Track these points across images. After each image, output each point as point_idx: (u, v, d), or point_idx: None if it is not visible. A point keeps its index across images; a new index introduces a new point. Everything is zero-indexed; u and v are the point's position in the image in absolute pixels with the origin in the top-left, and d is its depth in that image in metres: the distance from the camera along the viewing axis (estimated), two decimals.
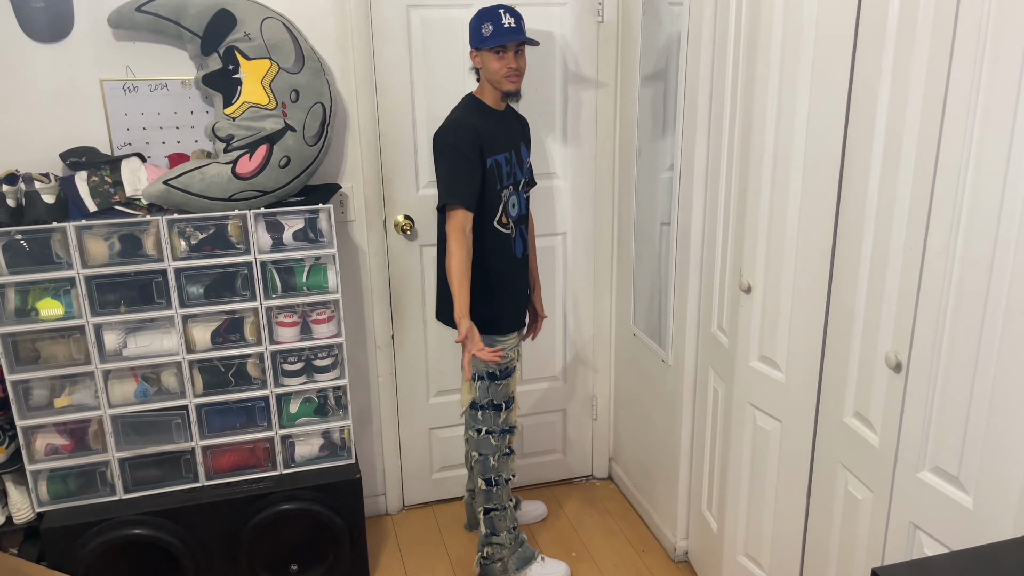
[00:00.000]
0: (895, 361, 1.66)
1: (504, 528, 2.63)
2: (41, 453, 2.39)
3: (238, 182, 2.33)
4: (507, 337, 2.51)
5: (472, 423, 2.57)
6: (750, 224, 2.12)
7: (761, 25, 1.99)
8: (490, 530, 2.63)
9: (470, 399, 2.54)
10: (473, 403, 2.53)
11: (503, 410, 2.54)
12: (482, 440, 2.56)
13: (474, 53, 2.36)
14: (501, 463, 2.59)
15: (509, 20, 2.31)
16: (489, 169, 2.35)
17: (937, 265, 1.53)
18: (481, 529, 2.64)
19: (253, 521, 2.48)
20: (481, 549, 2.67)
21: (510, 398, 2.56)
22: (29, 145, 2.41)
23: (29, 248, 2.24)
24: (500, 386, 2.52)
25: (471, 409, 2.55)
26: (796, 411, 2.08)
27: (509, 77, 2.34)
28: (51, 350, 2.33)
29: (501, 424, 2.55)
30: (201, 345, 2.43)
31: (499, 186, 2.39)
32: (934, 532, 1.62)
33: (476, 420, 2.55)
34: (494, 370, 2.49)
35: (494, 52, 2.31)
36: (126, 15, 2.32)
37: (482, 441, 2.56)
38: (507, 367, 2.52)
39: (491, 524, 2.62)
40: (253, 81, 2.35)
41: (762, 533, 2.28)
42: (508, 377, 2.53)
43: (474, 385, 2.51)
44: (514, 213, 2.45)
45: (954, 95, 1.46)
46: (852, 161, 1.78)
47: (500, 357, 2.38)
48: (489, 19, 2.30)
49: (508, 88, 2.37)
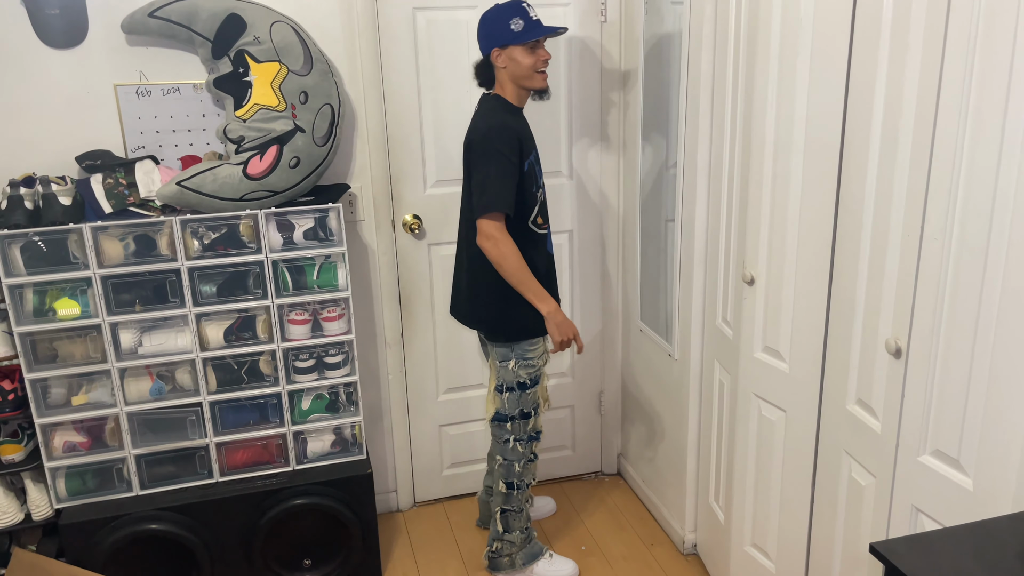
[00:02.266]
0: (895, 347, 1.69)
1: (517, 527, 2.66)
2: (59, 450, 2.44)
3: (249, 183, 2.38)
4: (539, 341, 2.49)
5: (499, 434, 2.56)
6: (752, 217, 2.15)
7: (760, 21, 2.02)
8: (504, 528, 2.66)
9: (494, 410, 2.53)
10: (499, 415, 2.52)
11: (532, 417, 2.54)
12: (510, 449, 2.56)
13: (497, 52, 2.29)
14: (525, 468, 2.60)
15: (535, 12, 2.29)
16: (527, 172, 2.32)
17: (934, 251, 1.56)
18: (496, 526, 2.67)
19: (267, 516, 2.52)
20: (491, 544, 2.70)
21: (538, 403, 2.56)
22: (46, 148, 2.46)
23: (46, 249, 2.29)
24: (530, 395, 2.51)
25: (496, 421, 2.54)
26: (800, 400, 2.11)
27: (541, 73, 2.32)
28: (68, 349, 2.38)
29: (529, 431, 2.56)
30: (214, 343, 2.48)
31: (535, 187, 2.37)
32: (935, 514, 1.64)
33: (503, 431, 2.53)
34: (524, 380, 2.48)
35: (527, 47, 2.28)
36: (139, 21, 2.38)
37: (510, 449, 2.56)
38: (536, 375, 2.50)
39: (505, 522, 2.65)
40: (263, 84, 2.40)
41: (769, 523, 2.31)
42: (536, 385, 2.52)
43: (502, 396, 2.50)
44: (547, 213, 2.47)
45: (948, 84, 1.49)
46: (850, 151, 1.81)
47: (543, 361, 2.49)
48: (516, 14, 2.26)
49: (540, 85, 2.34)
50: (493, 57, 2.32)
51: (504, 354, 2.46)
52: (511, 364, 2.46)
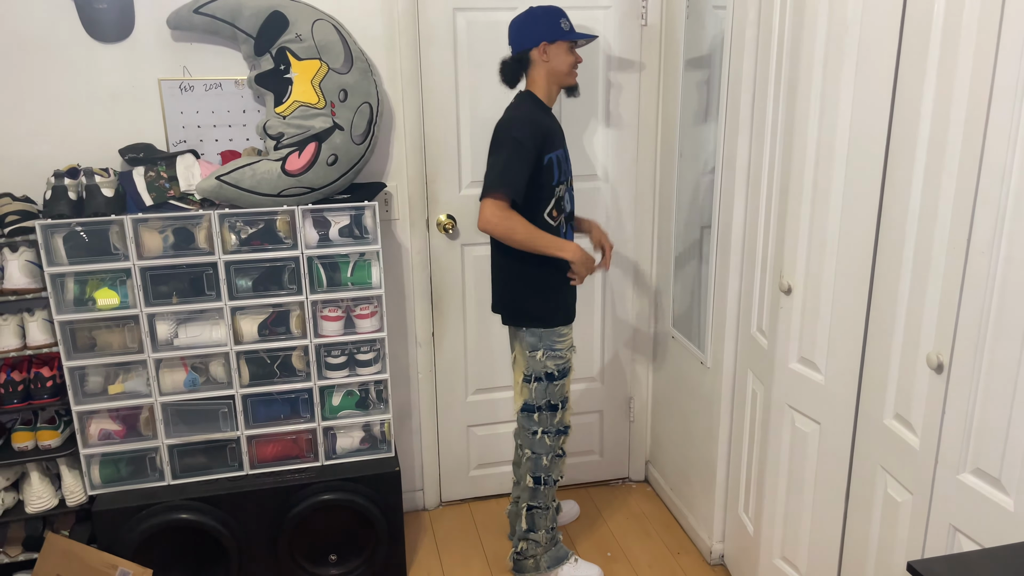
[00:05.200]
0: (937, 362, 1.66)
1: (543, 527, 2.65)
2: (95, 438, 2.48)
3: (287, 179, 2.40)
4: (566, 332, 2.50)
5: (527, 424, 2.56)
6: (791, 225, 2.12)
7: (805, 26, 1.99)
8: (529, 526, 2.65)
9: (522, 401, 2.54)
10: (528, 405, 2.53)
11: (559, 410, 2.55)
12: (538, 440, 2.56)
13: (545, 46, 2.35)
14: (553, 463, 2.60)
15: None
16: (546, 166, 2.36)
17: (980, 264, 1.52)
18: (521, 524, 2.66)
19: (294, 510, 2.54)
20: (516, 544, 2.69)
21: (565, 398, 2.56)
22: (90, 141, 2.51)
23: (88, 240, 2.33)
24: (557, 386, 2.51)
25: (525, 412, 2.55)
26: (835, 413, 2.07)
27: (575, 72, 2.43)
28: (106, 338, 2.42)
29: (556, 424, 2.56)
30: (248, 337, 2.50)
31: (555, 182, 2.40)
32: (974, 534, 1.61)
33: (531, 422, 2.54)
34: (552, 371, 2.48)
35: (570, 46, 2.38)
36: (184, 17, 2.41)
37: (537, 441, 2.56)
38: (564, 367, 2.51)
39: (531, 520, 2.64)
40: (303, 81, 2.42)
41: (799, 536, 2.27)
42: (565, 377, 2.53)
43: (529, 387, 2.51)
44: (567, 208, 2.48)
45: (999, 93, 1.45)
46: (895, 160, 1.78)
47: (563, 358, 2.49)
48: (563, 15, 2.39)
49: (573, 82, 2.44)
50: (538, 51, 2.36)
51: (533, 344, 2.47)
52: (539, 354, 2.47)
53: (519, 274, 2.44)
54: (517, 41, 2.40)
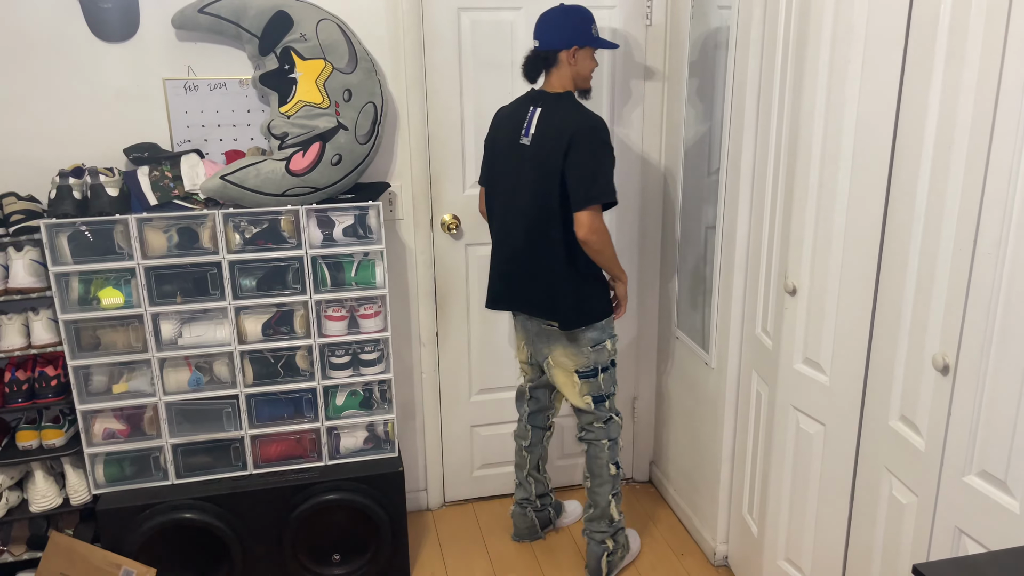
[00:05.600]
0: (943, 363, 1.65)
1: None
2: (99, 437, 2.48)
3: (291, 178, 2.40)
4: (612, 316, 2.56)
5: (600, 414, 2.56)
6: (796, 226, 2.11)
7: (810, 26, 1.99)
8: (617, 516, 2.67)
9: (588, 398, 2.53)
10: (599, 396, 2.55)
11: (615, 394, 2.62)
12: (613, 425, 2.59)
13: (576, 49, 2.35)
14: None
15: None
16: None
17: (987, 266, 1.52)
18: (612, 515, 2.65)
19: (298, 510, 2.54)
20: (603, 543, 2.66)
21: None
22: (95, 140, 2.51)
23: (93, 239, 2.33)
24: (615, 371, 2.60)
25: (598, 403, 2.55)
26: (840, 414, 2.07)
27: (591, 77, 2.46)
28: (111, 338, 2.42)
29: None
30: (252, 336, 2.50)
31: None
32: (979, 537, 1.60)
33: (604, 410, 2.57)
34: (614, 355, 2.55)
35: (594, 52, 2.41)
36: (189, 16, 2.41)
37: (613, 426, 2.59)
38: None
39: (618, 510, 2.67)
40: (308, 81, 2.42)
41: (804, 538, 2.26)
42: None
43: (596, 379, 2.52)
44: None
45: (1006, 92, 1.45)
46: (901, 161, 1.77)
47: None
48: (594, 21, 2.40)
49: (589, 86, 2.46)
50: (568, 53, 2.35)
51: (595, 337, 2.48)
52: (607, 343, 2.51)
53: (584, 276, 2.42)
54: (547, 38, 2.36)
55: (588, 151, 2.29)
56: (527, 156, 2.38)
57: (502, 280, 2.55)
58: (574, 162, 2.28)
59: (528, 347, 2.65)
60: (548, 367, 2.58)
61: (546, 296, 2.45)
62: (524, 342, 2.67)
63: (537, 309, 2.49)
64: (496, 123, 2.54)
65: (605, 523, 2.65)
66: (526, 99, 2.45)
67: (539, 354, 2.59)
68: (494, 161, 2.52)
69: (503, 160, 2.47)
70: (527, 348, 2.66)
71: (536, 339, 2.57)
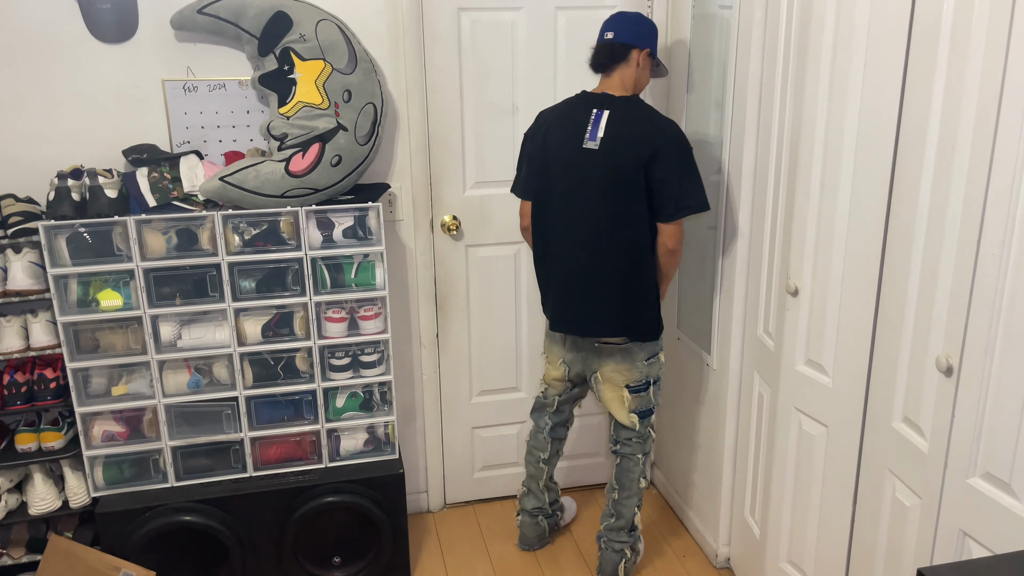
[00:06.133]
0: (946, 365, 1.64)
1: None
2: (98, 439, 2.47)
3: (291, 179, 2.39)
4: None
5: (643, 429, 2.53)
6: (798, 226, 2.10)
7: (812, 26, 1.97)
8: (638, 527, 2.67)
9: (636, 409, 2.49)
10: (648, 410, 2.52)
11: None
12: (651, 440, 2.58)
13: (646, 55, 2.35)
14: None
15: None
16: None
17: (991, 266, 1.51)
18: (637, 525, 2.65)
19: (298, 512, 2.53)
20: (622, 550, 2.64)
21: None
22: (94, 142, 2.50)
23: (91, 241, 2.32)
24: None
25: (644, 418, 2.51)
26: (843, 416, 2.05)
27: None
28: (110, 340, 2.41)
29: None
30: (252, 338, 2.49)
31: None
32: (984, 539, 1.59)
33: (647, 424, 2.54)
34: (663, 368, 2.56)
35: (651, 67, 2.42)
36: (188, 17, 2.40)
37: (650, 441, 2.58)
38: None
39: (639, 520, 2.67)
40: (307, 81, 2.41)
41: (806, 540, 2.25)
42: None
43: (647, 393, 2.49)
44: None
45: (1010, 91, 1.44)
46: (904, 161, 1.76)
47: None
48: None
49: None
50: (642, 55, 2.34)
51: (652, 349, 2.48)
52: (660, 356, 2.52)
53: (651, 287, 2.39)
54: (623, 33, 2.30)
55: (678, 159, 2.24)
56: (595, 162, 2.26)
57: (566, 300, 2.40)
58: (664, 171, 2.23)
59: (573, 365, 2.56)
60: (596, 382, 2.52)
61: (619, 311, 2.35)
62: (567, 359, 2.56)
63: (605, 327, 2.37)
64: (544, 128, 2.37)
65: (626, 533, 2.64)
66: (584, 101, 2.34)
67: (587, 371, 2.54)
68: (547, 169, 2.36)
69: (560, 167, 2.33)
70: (569, 366, 2.56)
71: (587, 358, 2.51)
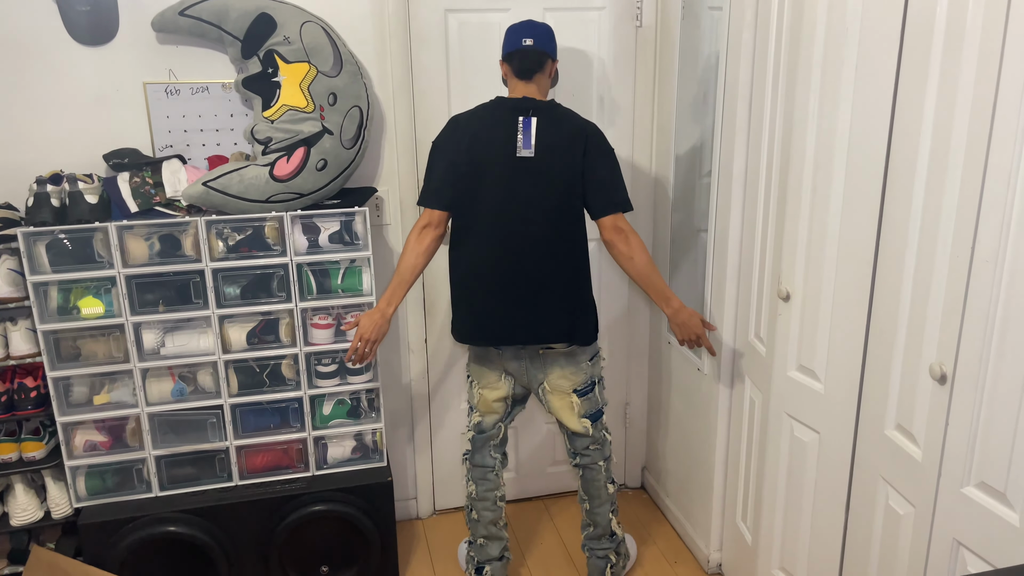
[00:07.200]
0: (940, 372, 1.62)
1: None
2: (80, 449, 2.43)
3: (275, 184, 2.35)
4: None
5: (597, 432, 2.49)
6: (789, 231, 2.08)
7: (803, 28, 1.95)
8: (620, 530, 2.64)
9: (587, 414, 2.45)
10: (598, 412, 2.48)
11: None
12: (609, 442, 2.55)
13: (554, 65, 2.36)
14: None
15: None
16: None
17: (985, 274, 1.49)
18: (615, 531, 2.61)
19: (285, 521, 2.50)
20: (606, 556, 2.61)
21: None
22: (73, 146, 2.45)
23: (72, 247, 2.28)
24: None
25: (596, 420, 2.48)
26: (835, 422, 2.04)
27: None
28: (91, 348, 2.37)
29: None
30: (237, 345, 2.45)
31: None
32: (978, 549, 1.57)
33: (601, 425, 2.51)
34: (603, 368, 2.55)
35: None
36: (169, 19, 2.36)
37: (608, 442, 2.55)
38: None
39: (619, 524, 2.64)
40: (292, 84, 2.37)
41: (798, 547, 2.23)
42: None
43: (592, 395, 2.45)
44: None
45: (1004, 96, 1.41)
46: (896, 165, 1.74)
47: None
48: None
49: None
50: (552, 67, 2.36)
51: (594, 349, 2.45)
52: (601, 354, 2.50)
53: (587, 286, 2.37)
54: (541, 42, 2.29)
55: (605, 155, 2.27)
56: (531, 169, 2.22)
57: (494, 313, 2.31)
58: (596, 166, 2.25)
59: (518, 376, 2.44)
60: (543, 392, 2.44)
61: (562, 315, 2.30)
62: (511, 370, 2.43)
63: (553, 332, 2.32)
64: (469, 135, 2.27)
65: (607, 540, 2.61)
66: (506, 108, 2.26)
67: (532, 382, 2.44)
68: (476, 177, 2.26)
69: (493, 176, 2.24)
70: (515, 377, 2.44)
71: (530, 367, 2.41)
